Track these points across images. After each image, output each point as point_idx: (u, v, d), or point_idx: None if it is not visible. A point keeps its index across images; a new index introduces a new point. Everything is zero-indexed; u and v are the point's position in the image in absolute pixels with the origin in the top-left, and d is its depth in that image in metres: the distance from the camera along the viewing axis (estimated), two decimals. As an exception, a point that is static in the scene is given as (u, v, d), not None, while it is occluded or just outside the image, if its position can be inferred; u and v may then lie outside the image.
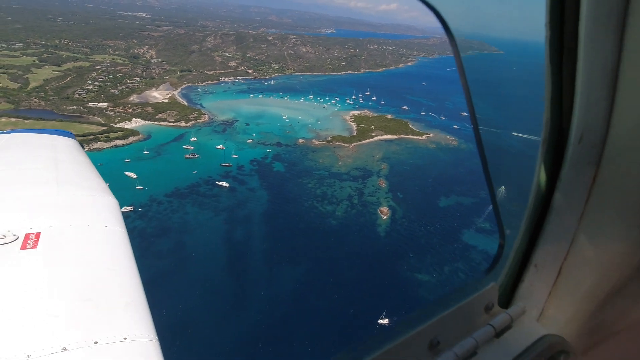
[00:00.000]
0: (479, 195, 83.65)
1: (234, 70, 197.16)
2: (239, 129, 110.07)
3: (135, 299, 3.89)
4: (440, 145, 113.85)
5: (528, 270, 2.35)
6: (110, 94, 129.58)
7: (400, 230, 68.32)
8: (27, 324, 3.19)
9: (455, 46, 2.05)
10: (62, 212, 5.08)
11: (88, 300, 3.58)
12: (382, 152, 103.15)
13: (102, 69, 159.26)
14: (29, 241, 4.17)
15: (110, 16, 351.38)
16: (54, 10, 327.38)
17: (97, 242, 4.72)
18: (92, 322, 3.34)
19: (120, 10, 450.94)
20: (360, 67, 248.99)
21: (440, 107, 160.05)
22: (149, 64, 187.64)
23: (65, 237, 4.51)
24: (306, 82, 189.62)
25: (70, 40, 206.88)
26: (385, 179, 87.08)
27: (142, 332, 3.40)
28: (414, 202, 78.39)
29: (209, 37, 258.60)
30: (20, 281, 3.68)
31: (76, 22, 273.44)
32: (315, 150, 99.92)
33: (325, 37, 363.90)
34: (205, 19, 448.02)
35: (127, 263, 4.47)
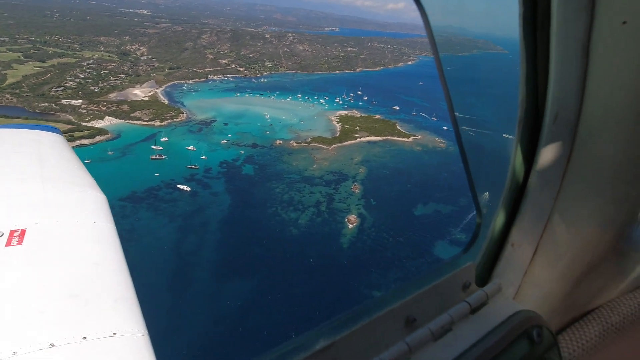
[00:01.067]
0: (459, 203, 78.35)
1: (224, 68, 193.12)
2: (216, 129, 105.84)
3: (125, 295, 3.86)
4: (426, 147, 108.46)
5: (505, 249, 2.34)
6: (89, 91, 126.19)
7: (366, 241, 63.43)
8: (13, 321, 3.16)
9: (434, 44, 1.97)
10: (49, 208, 5.07)
11: (76, 296, 3.54)
12: (363, 154, 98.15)
13: (87, 65, 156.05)
14: (14, 237, 4.17)
15: (110, 13, 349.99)
16: (53, 6, 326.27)
17: (85, 238, 4.71)
18: (81, 318, 3.30)
19: (123, 7, 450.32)
20: (357, 65, 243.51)
21: (433, 108, 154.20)
22: (137, 61, 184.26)
23: (52, 233, 4.50)
24: (298, 81, 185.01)
25: (62, 37, 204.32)
26: (361, 183, 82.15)
27: (131, 327, 3.37)
28: (387, 209, 73.39)
29: (204, 35, 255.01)
30: (5, 278, 3.65)
31: (72, 19, 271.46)
32: (292, 152, 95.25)
33: (326, 36, 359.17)
34: (208, 17, 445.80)
35: (116, 259, 4.46)
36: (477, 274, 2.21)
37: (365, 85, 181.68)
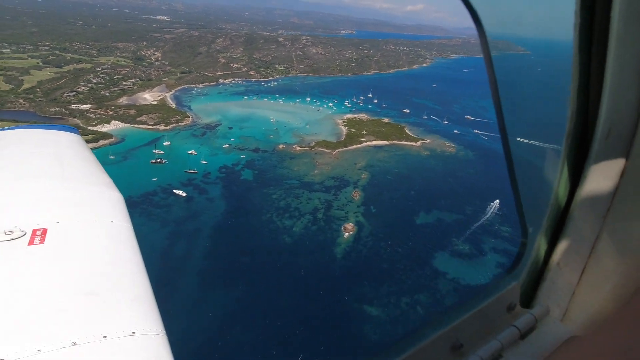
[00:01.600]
0: (464, 211, 74.35)
1: (236, 71, 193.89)
2: (220, 133, 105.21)
3: (143, 294, 3.93)
4: (434, 152, 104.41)
5: (550, 269, 2.28)
6: (100, 96, 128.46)
7: (362, 251, 60.54)
8: (37, 319, 3.25)
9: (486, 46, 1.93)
10: (69, 207, 5.21)
11: (96, 295, 3.63)
12: (367, 159, 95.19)
13: (102, 70, 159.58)
14: (37, 237, 4.28)
15: (131, 19, 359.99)
16: (77, 14, 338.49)
17: (104, 237, 4.81)
18: (100, 317, 3.38)
19: (145, 14, 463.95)
20: (370, 68, 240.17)
21: (445, 111, 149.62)
22: (151, 66, 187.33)
23: (72, 232, 4.61)
24: (308, 84, 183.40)
25: (81, 43, 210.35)
26: (362, 190, 79.26)
27: (149, 327, 3.42)
28: (387, 217, 70.25)
29: (218, 39, 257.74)
30: (29, 276, 3.77)
31: (94, 26, 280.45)
32: (294, 156, 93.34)
33: (341, 38, 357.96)
34: (225, 22, 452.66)
35: (133, 258, 4.57)
36: (521, 295, 2.20)
37: (376, 88, 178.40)
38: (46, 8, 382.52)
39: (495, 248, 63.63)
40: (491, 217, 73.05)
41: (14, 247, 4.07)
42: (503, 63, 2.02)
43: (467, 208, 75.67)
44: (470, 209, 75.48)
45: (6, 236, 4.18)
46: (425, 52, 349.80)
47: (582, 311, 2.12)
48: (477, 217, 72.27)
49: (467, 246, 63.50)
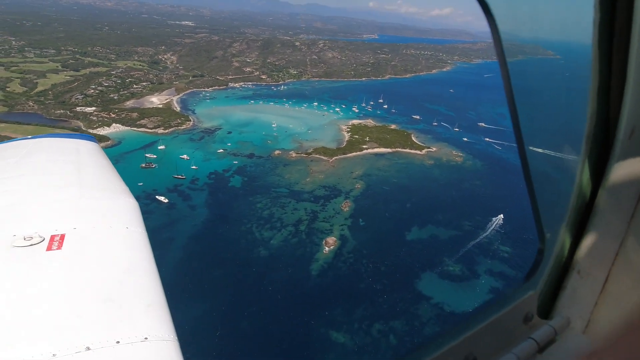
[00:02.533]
0: (462, 227, 68.50)
1: (247, 75, 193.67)
2: (218, 138, 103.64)
3: (156, 300, 3.99)
4: (439, 161, 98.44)
5: (570, 276, 2.14)
6: (108, 99, 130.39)
7: (341, 268, 56.24)
8: (53, 324, 3.34)
9: (500, 49, 1.86)
10: (85, 214, 5.35)
11: (110, 300, 3.70)
12: (365, 167, 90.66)
13: (116, 74, 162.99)
14: (54, 242, 4.40)
15: (156, 25, 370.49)
16: (105, 20, 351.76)
17: (119, 243, 4.93)
18: (114, 322, 3.45)
19: (171, 19, 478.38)
20: (386, 72, 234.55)
21: (458, 117, 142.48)
22: (165, 69, 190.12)
23: (89, 238, 4.73)
24: (319, 88, 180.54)
25: (103, 47, 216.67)
26: (353, 201, 74.89)
27: (162, 333, 3.49)
28: (375, 232, 65.58)
29: (235, 43, 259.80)
30: (46, 281, 3.86)
31: (119, 31, 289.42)
32: (288, 163, 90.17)
33: (360, 43, 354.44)
34: (248, 27, 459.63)
35: (147, 264, 4.61)
36: (539, 305, 2.08)
37: (389, 93, 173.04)
38: (79, 14, 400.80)
39: (491, 270, 57.70)
40: (491, 235, 66.90)
41: (33, 252, 4.21)
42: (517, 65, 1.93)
43: (466, 224, 69.77)
44: (469, 224, 69.53)
45: (26, 242, 4.31)
46: (446, 56, 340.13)
47: (605, 323, 1.96)
48: (475, 234, 66.33)
49: (458, 267, 57.90)
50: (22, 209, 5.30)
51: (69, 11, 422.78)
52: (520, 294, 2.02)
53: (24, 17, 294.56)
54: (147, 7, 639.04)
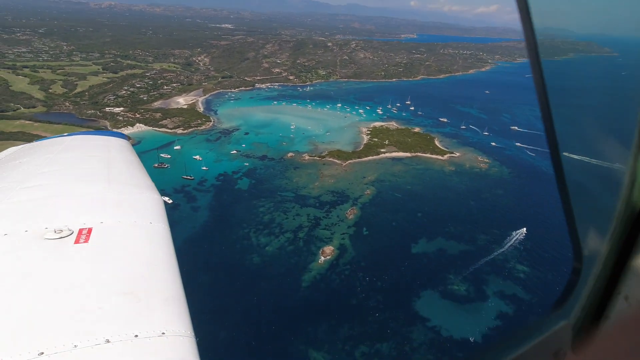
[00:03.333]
0: (475, 241, 62.68)
1: (275, 76, 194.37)
2: (234, 139, 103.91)
3: (174, 295, 4.09)
4: (462, 168, 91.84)
5: (615, 303, 1.80)
6: (138, 99, 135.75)
7: (334, 281, 53.03)
8: (76, 315, 3.47)
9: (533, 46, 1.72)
10: (112, 208, 5.57)
11: (130, 294, 3.82)
12: (379, 173, 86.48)
13: (150, 75, 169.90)
14: (82, 236, 4.59)
15: (197, 28, 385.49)
16: (151, 25, 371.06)
17: (142, 238, 5.08)
18: (133, 316, 3.56)
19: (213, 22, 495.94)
20: (419, 73, 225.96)
21: (490, 120, 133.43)
22: (197, 71, 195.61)
23: (114, 232, 4.92)
24: (346, 89, 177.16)
25: (142, 50, 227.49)
26: (360, 208, 71.25)
27: (179, 328, 3.57)
28: (378, 242, 61.65)
29: (267, 44, 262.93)
30: (72, 274, 4.03)
31: (161, 35, 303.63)
32: (299, 166, 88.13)
33: (396, 42, 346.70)
34: (286, 28, 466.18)
35: (168, 259, 4.77)
36: (574, 338, 1.79)
37: (418, 94, 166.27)
38: (128, 20, 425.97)
39: (501, 292, 51.85)
40: (508, 251, 60.58)
41: (62, 245, 4.41)
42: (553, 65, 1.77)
43: (481, 237, 63.82)
44: (484, 238, 63.52)
45: (56, 234, 4.53)
46: (487, 55, 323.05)
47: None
48: (489, 250, 60.35)
49: (464, 286, 52.62)
50: (54, 202, 5.57)
51: (120, 17, 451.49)
52: (550, 324, 1.73)
53: (78, 23, 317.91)
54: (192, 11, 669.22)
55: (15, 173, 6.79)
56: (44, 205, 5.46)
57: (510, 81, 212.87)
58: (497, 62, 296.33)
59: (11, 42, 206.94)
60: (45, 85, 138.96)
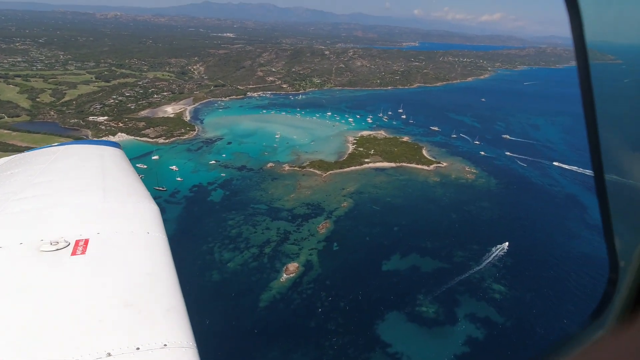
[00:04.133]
0: (452, 258, 59.20)
1: (269, 84, 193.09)
2: (215, 148, 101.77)
3: (175, 305, 4.06)
4: (447, 179, 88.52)
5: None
6: (125, 108, 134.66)
7: (294, 301, 49.83)
8: (76, 329, 3.43)
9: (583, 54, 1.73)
10: (109, 219, 5.52)
11: (131, 305, 3.77)
12: (359, 184, 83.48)
13: (142, 84, 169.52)
14: (79, 247, 4.53)
15: (198, 37, 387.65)
16: (152, 35, 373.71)
17: (140, 248, 5.04)
18: (135, 328, 3.52)
19: (216, 32, 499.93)
20: (415, 81, 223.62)
21: (484, 129, 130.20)
22: (190, 79, 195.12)
23: (111, 243, 4.87)
24: (338, 98, 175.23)
25: (139, 59, 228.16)
26: (334, 222, 68.22)
27: (181, 339, 3.55)
28: (347, 259, 58.46)
29: (264, 53, 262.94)
30: (71, 286, 3.97)
31: (161, 44, 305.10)
32: (278, 177, 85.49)
33: (396, 50, 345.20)
34: (287, 37, 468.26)
35: (167, 269, 4.70)
36: (612, 349, 1.74)
37: (413, 102, 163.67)
38: (131, 29, 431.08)
39: (473, 315, 48.22)
40: (485, 269, 57.00)
41: (59, 257, 4.33)
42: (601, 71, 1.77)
43: (458, 254, 60.34)
44: (462, 255, 60.03)
45: (52, 246, 4.45)
46: (487, 63, 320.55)
47: None
48: (465, 268, 56.81)
49: (433, 308, 49.10)
50: (49, 213, 5.41)
51: (124, 27, 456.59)
52: (586, 336, 1.66)
53: (80, 33, 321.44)
54: (196, 21, 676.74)
55: (7, 184, 6.63)
56: (38, 216, 5.34)
57: (508, 89, 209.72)
58: (497, 69, 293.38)
59: (8, 52, 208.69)
60: (34, 94, 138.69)
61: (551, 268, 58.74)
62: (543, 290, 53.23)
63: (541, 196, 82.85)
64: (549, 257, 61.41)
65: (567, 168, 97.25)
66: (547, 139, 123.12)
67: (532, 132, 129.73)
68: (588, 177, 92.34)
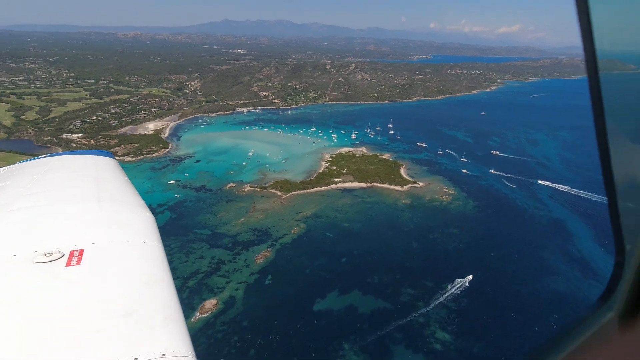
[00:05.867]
0: (398, 297, 51.56)
1: (261, 100, 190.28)
2: (181, 167, 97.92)
3: (173, 314, 4.02)
4: (419, 201, 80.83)
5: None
6: (107, 125, 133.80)
7: (200, 345, 43.33)
8: (73, 340, 3.37)
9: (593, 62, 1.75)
10: (104, 228, 5.45)
11: (128, 315, 3.75)
12: (319, 207, 77.02)
13: (133, 101, 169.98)
14: (74, 258, 4.50)
15: (208, 54, 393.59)
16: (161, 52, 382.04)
17: (136, 257, 4.97)
18: (133, 338, 3.50)
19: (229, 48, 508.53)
20: (415, 94, 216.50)
21: (475, 145, 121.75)
22: (184, 95, 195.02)
23: (107, 253, 4.82)
24: (329, 113, 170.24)
25: (139, 76, 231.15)
26: (277, 250, 61.92)
27: (179, 348, 3.51)
28: (277, 295, 51.82)
29: (265, 68, 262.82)
30: (66, 297, 3.91)
31: (168, 61, 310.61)
32: (234, 198, 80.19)
33: (402, 64, 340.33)
34: (297, 52, 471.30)
35: (164, 278, 4.67)
36: (620, 329, 1.81)
37: (406, 117, 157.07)
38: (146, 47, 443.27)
39: (403, 372, 40.57)
40: (433, 311, 49.10)
41: (53, 268, 4.28)
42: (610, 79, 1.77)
43: (406, 292, 52.71)
44: (410, 293, 52.36)
45: (46, 257, 4.41)
46: (496, 75, 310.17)
47: None
48: (411, 309, 49.13)
49: (360, 358, 41.73)
50: (43, 224, 5.36)
51: (141, 46, 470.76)
52: (597, 318, 1.74)
53: (92, 52, 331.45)
54: (212, 38, 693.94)
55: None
56: (32, 228, 5.27)
57: (513, 101, 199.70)
58: (506, 81, 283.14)
59: (16, 71, 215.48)
60: (22, 111, 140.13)
61: (515, 311, 50.23)
62: (497, 340, 44.94)
63: (522, 222, 73.92)
64: (516, 296, 52.90)
65: (559, 188, 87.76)
66: (544, 155, 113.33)
67: (528, 148, 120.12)
68: (580, 199, 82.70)
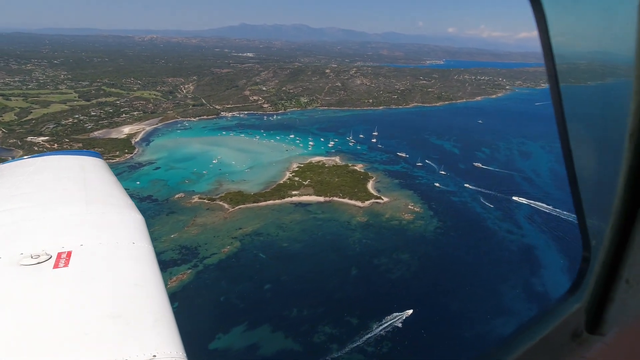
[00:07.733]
0: (311, 337, 44.25)
1: (249, 104, 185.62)
2: (136, 175, 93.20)
3: (164, 315, 3.98)
4: (377, 219, 73.03)
5: (618, 286, 1.97)
6: (81, 128, 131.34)
7: None
8: (61, 343, 3.33)
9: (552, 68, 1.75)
10: (92, 230, 5.36)
11: (118, 317, 3.70)
12: (263, 223, 70.33)
13: (120, 103, 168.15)
14: (61, 260, 4.43)
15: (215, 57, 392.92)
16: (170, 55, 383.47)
17: (125, 258, 4.91)
18: (122, 340, 3.46)
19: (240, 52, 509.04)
20: (413, 100, 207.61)
21: (461, 156, 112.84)
22: (174, 98, 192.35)
23: (95, 254, 4.74)
24: (316, 119, 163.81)
25: (135, 79, 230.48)
26: (196, 272, 55.57)
27: (170, 350, 3.48)
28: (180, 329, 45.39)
29: (262, 72, 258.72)
30: (53, 300, 3.86)
31: (171, 64, 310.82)
32: (176, 211, 74.47)
33: (407, 69, 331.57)
34: (307, 56, 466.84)
35: (154, 279, 4.60)
36: (587, 319, 1.95)
37: (395, 124, 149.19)
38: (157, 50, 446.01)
39: None
40: (346, 356, 41.57)
41: (40, 270, 4.19)
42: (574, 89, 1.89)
43: (324, 330, 45.31)
44: (328, 332, 44.90)
45: (33, 260, 4.33)
46: (506, 81, 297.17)
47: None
48: (322, 352, 41.79)
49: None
50: (29, 226, 5.28)
51: (153, 48, 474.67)
52: (566, 308, 1.87)
53: (98, 55, 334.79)
54: (225, 41, 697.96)
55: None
56: (18, 230, 5.18)
57: (517, 109, 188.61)
58: (515, 88, 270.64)
59: (14, 72, 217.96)
60: (2, 112, 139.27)
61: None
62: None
63: (487, 248, 65.26)
64: (456, 340, 44.83)
65: (540, 207, 78.38)
66: (534, 169, 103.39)
67: (518, 161, 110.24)
68: (561, 221, 73.23)
